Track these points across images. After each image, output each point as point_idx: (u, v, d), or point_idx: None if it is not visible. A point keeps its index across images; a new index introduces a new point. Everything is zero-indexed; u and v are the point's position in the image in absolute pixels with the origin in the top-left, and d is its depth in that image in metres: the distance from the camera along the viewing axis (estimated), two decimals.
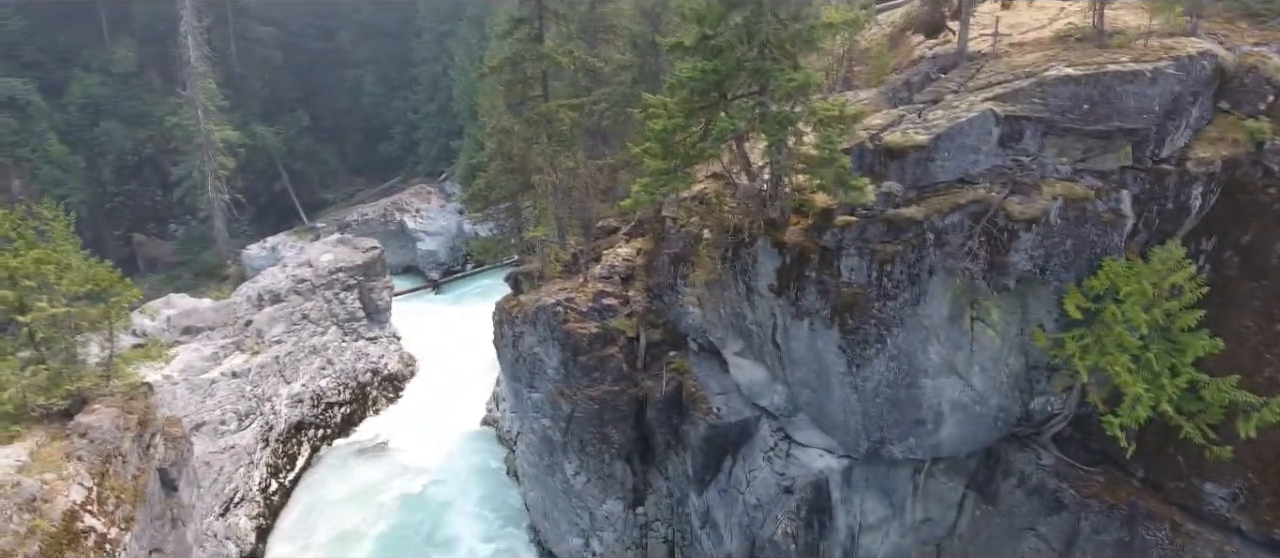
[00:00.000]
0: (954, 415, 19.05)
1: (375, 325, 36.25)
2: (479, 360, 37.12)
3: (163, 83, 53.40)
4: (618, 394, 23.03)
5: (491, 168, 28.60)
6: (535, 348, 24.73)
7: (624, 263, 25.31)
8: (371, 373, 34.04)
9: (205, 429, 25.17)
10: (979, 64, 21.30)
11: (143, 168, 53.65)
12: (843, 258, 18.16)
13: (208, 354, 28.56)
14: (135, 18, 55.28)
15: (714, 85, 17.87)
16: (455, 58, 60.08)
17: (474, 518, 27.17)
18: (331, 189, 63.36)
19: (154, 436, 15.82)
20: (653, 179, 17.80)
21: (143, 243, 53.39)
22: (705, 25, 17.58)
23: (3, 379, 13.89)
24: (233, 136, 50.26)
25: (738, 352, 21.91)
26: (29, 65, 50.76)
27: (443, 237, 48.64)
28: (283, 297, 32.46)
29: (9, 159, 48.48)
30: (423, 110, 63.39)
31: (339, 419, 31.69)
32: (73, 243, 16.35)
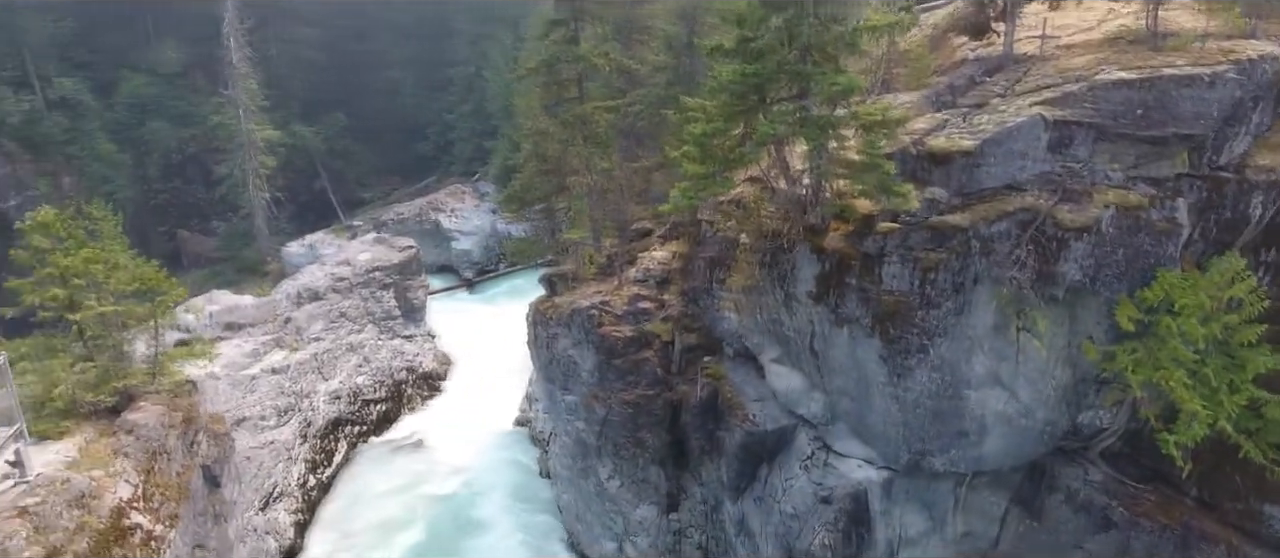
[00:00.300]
0: (998, 428, 18.53)
1: (411, 324, 36.52)
2: (512, 360, 37.13)
3: (207, 83, 54.38)
4: (652, 399, 22.83)
5: (527, 169, 28.59)
6: (570, 350, 24.63)
7: (659, 266, 25.10)
8: (407, 371, 34.29)
9: (246, 425, 25.50)
10: (1026, 67, 20.72)
11: (187, 166, 54.70)
12: (885, 265, 17.75)
13: (249, 350, 28.97)
14: (181, 19, 56.39)
15: (754, 89, 17.61)
16: (490, 59, 60.40)
17: (508, 519, 27.18)
18: (369, 188, 64.01)
19: (198, 433, 16.02)
20: (692, 184, 17.58)
21: (187, 239, 54.46)
22: (746, 28, 17.34)
23: (54, 376, 14.17)
24: (273, 136, 50.98)
25: (775, 358, 21.58)
26: (81, 66, 52.07)
27: (477, 236, 48.89)
28: (322, 295, 32.83)
29: (61, 156, 49.78)
30: (458, 111, 63.80)
31: (375, 416, 31.96)
32: (121, 242, 16.62)
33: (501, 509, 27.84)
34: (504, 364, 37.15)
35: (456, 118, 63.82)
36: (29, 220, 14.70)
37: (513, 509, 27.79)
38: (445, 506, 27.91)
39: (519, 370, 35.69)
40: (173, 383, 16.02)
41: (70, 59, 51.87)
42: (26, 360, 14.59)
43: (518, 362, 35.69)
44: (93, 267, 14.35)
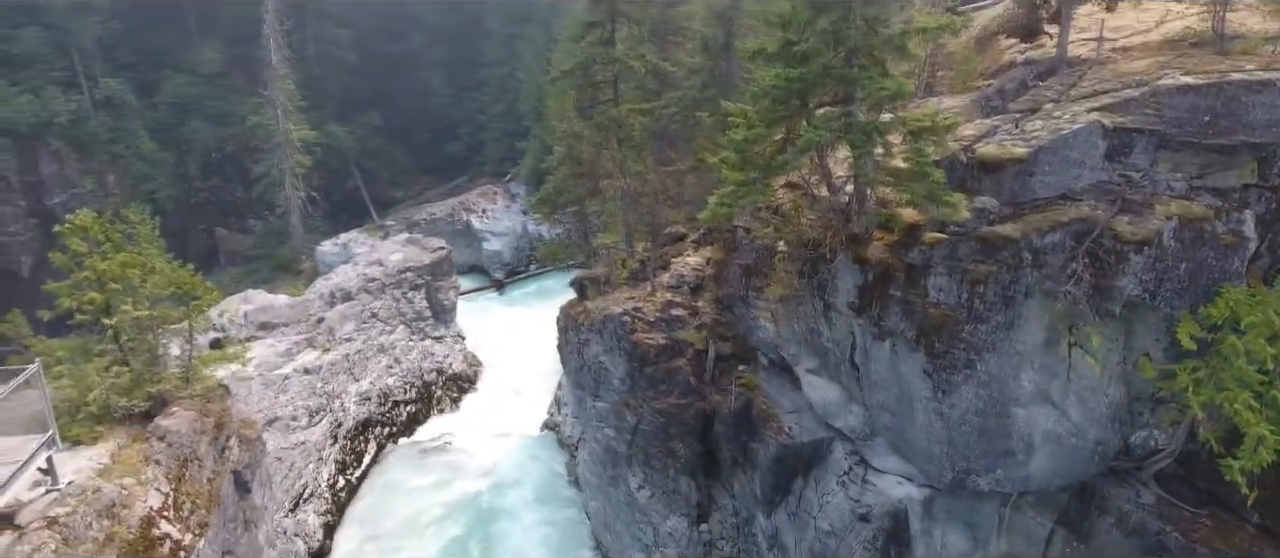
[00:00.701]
0: (1046, 447, 17.69)
1: (441, 325, 36.37)
2: (541, 362, 36.89)
3: (246, 83, 54.95)
4: (684, 408, 22.28)
5: (560, 172, 28.20)
6: (601, 357, 24.18)
7: (693, 272, 24.53)
8: (437, 372, 34.14)
9: (277, 425, 25.46)
10: (1081, 70, 19.80)
11: (225, 165, 55.37)
12: (930, 277, 17.01)
13: (282, 350, 28.97)
14: (222, 21, 57.11)
15: (796, 93, 16.97)
16: (523, 60, 60.27)
17: (535, 524, 26.83)
18: (401, 187, 64.32)
19: (229, 438, 15.85)
20: (730, 191, 16.98)
21: (224, 237, 55.12)
22: (789, 31, 16.71)
23: (89, 381, 14.06)
24: (309, 136, 51.36)
25: (811, 369, 20.91)
26: (125, 66, 52.88)
27: (508, 237, 48.73)
28: (353, 295, 32.79)
29: (106, 155, 50.59)
30: (490, 111, 63.82)
31: (404, 418, 31.82)
32: (158, 245, 16.53)
33: (529, 515, 27.49)
34: (533, 367, 36.89)
35: (488, 118, 63.84)
36: (67, 223, 14.64)
37: (540, 515, 27.44)
38: (473, 509, 27.64)
39: (547, 374, 35.41)
40: (205, 388, 15.87)
41: (115, 59, 52.71)
42: (62, 365, 14.53)
43: (546, 365, 35.42)
44: (129, 271, 14.21)
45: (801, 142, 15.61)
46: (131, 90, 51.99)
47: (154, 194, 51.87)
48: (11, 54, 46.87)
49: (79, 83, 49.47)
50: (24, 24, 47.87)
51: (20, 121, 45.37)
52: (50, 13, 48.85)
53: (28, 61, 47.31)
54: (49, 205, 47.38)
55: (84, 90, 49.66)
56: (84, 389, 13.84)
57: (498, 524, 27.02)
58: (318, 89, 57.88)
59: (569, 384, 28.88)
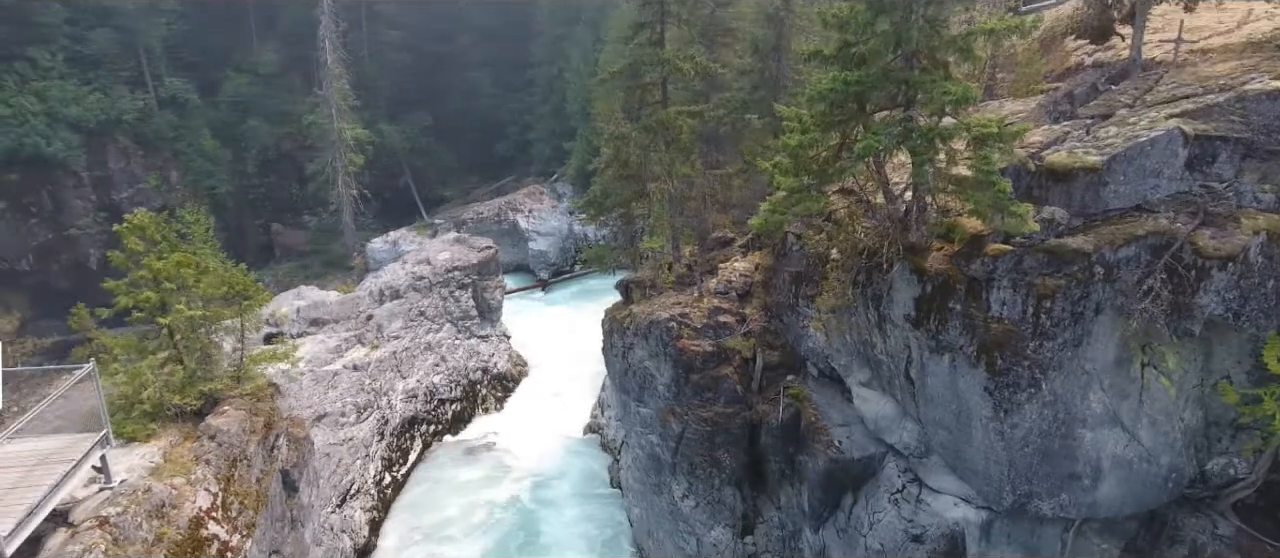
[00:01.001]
0: (1115, 472, 16.65)
1: (487, 324, 36.42)
2: (585, 363, 36.68)
3: (302, 83, 56.08)
4: (731, 417, 21.72)
5: (606, 175, 27.84)
6: (646, 362, 23.76)
7: (741, 278, 23.94)
8: (482, 371, 34.16)
9: (326, 421, 25.68)
10: (1157, 74, 18.68)
11: (281, 162, 56.56)
12: (993, 290, 16.14)
13: (332, 346, 29.27)
14: (281, 22, 58.37)
15: (854, 97, 16.28)
16: (570, 60, 60.25)
17: (577, 528, 26.56)
18: (449, 186, 64.96)
19: (278, 437, 15.89)
20: (783, 197, 16.37)
21: (280, 232, 56.33)
22: (847, 32, 16.02)
23: (143, 379, 14.20)
24: (362, 135, 52.19)
25: (863, 382, 20.15)
26: (189, 66, 54.39)
27: (553, 237, 48.70)
28: (402, 293, 33.00)
29: (169, 152, 52.14)
30: (537, 111, 64.01)
31: (449, 416, 31.89)
32: (212, 245, 16.67)
33: (571, 517, 27.25)
34: (576, 367, 36.71)
35: (535, 118, 64.05)
36: (126, 222, 14.83)
37: (582, 518, 27.16)
38: (515, 510, 27.50)
39: (591, 375, 35.16)
40: (255, 387, 15.95)
41: (180, 60, 54.25)
42: (117, 362, 14.73)
43: (590, 366, 35.19)
44: (183, 270, 14.33)
45: (859, 147, 14.91)
46: (194, 90, 53.49)
47: (213, 190, 53.38)
48: (84, 54, 48.59)
49: (145, 82, 51.07)
50: (96, 26, 49.59)
51: (91, 119, 47.00)
52: (121, 15, 50.51)
53: (98, 61, 49.02)
54: (116, 200, 49.03)
55: (150, 89, 51.25)
56: (138, 387, 13.99)
57: (540, 525, 26.83)
58: (370, 89, 58.79)
59: (613, 388, 28.55)
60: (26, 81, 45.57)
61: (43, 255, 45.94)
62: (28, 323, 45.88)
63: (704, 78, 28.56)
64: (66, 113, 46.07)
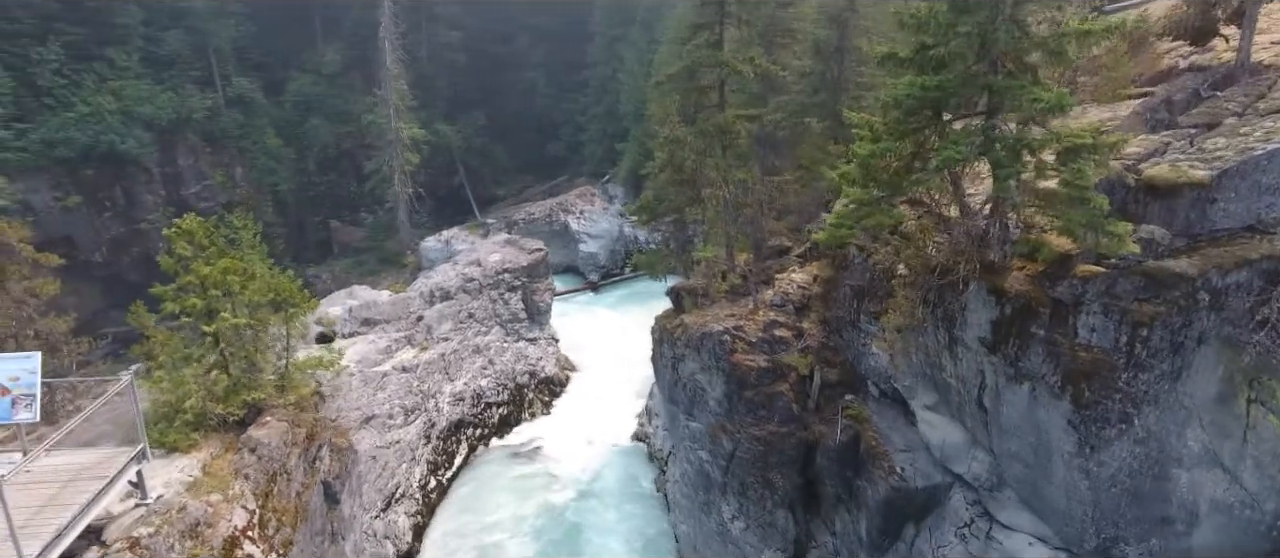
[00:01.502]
0: (1214, 517, 14.92)
1: (535, 326, 35.85)
2: (633, 369, 35.86)
3: (362, 83, 56.61)
4: (785, 437, 20.51)
5: (660, 179, 26.84)
6: (697, 375, 22.71)
7: (799, 291, 22.68)
8: (529, 375, 33.58)
9: (374, 423, 25.37)
10: (1269, 79, 16.79)
11: (341, 160, 57.23)
12: (1082, 316, 14.61)
13: (382, 347, 29.03)
14: (344, 23, 59.07)
15: (929, 103, 14.95)
16: (625, 61, 59.49)
17: (622, 541, 25.67)
18: (502, 185, 64.95)
19: (320, 448, 15.42)
20: (852, 210, 15.13)
21: (338, 229, 57.02)
22: (926, 34, 14.68)
23: (186, 388, 13.84)
24: (418, 134, 52.43)
25: (929, 406, 18.72)
26: (256, 67, 55.44)
27: (604, 240, 47.96)
28: (452, 295, 32.64)
29: (235, 149, 53.20)
30: (590, 112, 63.51)
31: (496, 420, 31.37)
32: (260, 251, 16.29)
33: (616, 529, 26.37)
34: (624, 373, 35.88)
35: (588, 119, 63.56)
36: (174, 227, 14.53)
37: (627, 531, 26.26)
38: (560, 518, 26.77)
39: (639, 381, 34.29)
40: (298, 396, 15.52)
41: (247, 60, 55.32)
42: (162, 369, 14.42)
43: (638, 371, 34.35)
44: (229, 277, 13.94)
45: (939, 159, 13.57)
46: (260, 89, 54.47)
47: (276, 187, 54.32)
48: (158, 55, 49.85)
49: (214, 82, 52.18)
50: (170, 27, 50.89)
51: (162, 117, 48.16)
52: (192, 16, 51.75)
53: (171, 62, 50.23)
54: (184, 195, 50.22)
55: (218, 89, 52.35)
56: (181, 396, 13.64)
57: (585, 536, 26.04)
58: (428, 89, 59.08)
59: (662, 399, 27.58)
60: (104, 81, 46.90)
61: (115, 248, 47.25)
62: (99, 314, 47.21)
63: (762, 80, 27.33)
64: (140, 111, 47.28)
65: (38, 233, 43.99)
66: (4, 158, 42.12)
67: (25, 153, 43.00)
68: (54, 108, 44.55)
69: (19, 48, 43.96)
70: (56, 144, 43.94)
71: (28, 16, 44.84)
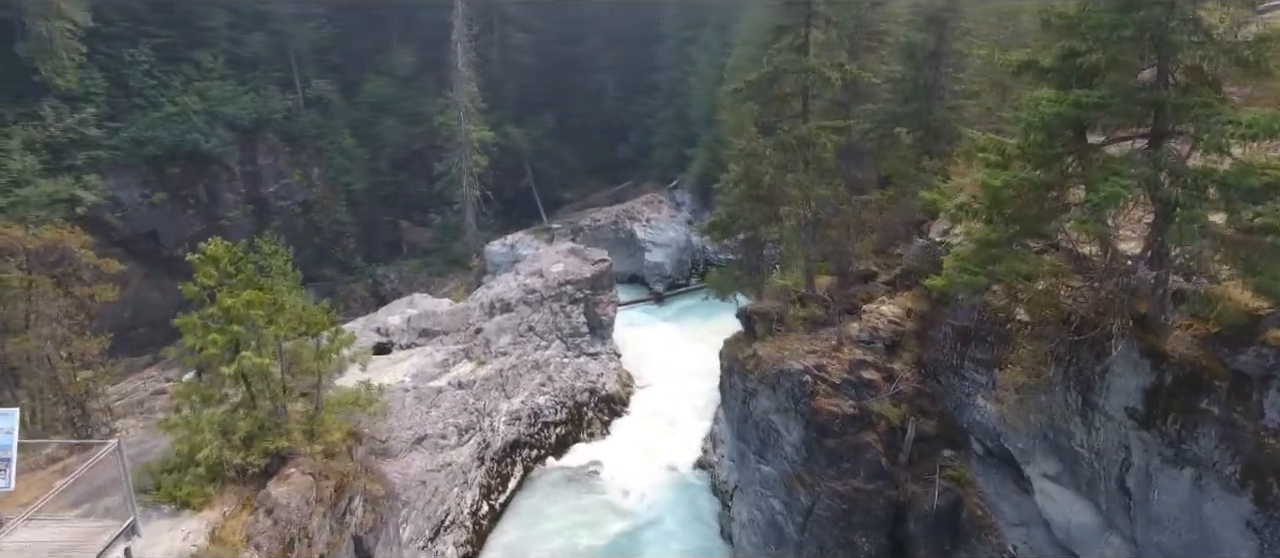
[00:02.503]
0: None
1: (597, 341, 33.75)
2: (697, 387, 33.37)
3: (435, 85, 55.76)
4: (872, 495, 17.68)
5: (734, 193, 24.18)
6: (771, 416, 20.05)
7: (889, 326, 19.71)
8: (589, 392, 31.46)
9: (426, 444, 23.70)
10: None
11: (412, 161, 56.58)
12: (1272, 393, 11.38)
13: (439, 360, 27.42)
14: (419, 26, 58.39)
15: (1072, 123, 11.93)
16: (696, 65, 56.83)
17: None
18: (569, 188, 63.28)
19: (351, 500, 13.63)
20: (977, 252, 12.24)
21: (407, 229, 56.44)
22: (1077, 37, 11.66)
23: (200, 438, 12.18)
24: (487, 137, 51.26)
25: (1049, 475, 15.57)
26: (333, 68, 55.29)
27: (670, 249, 45.47)
28: (512, 306, 30.83)
29: (312, 149, 53.14)
30: (659, 116, 61.08)
31: (553, 440, 29.38)
32: (292, 279, 14.56)
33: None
34: (688, 390, 33.42)
35: (657, 123, 61.16)
36: (199, 252, 12.93)
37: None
38: (617, 552, 24.54)
39: (703, 401, 31.80)
40: (328, 443, 13.75)
41: (326, 62, 55.22)
42: (178, 412, 12.84)
43: (703, 389, 31.93)
44: (253, 311, 12.24)
45: (1101, 195, 10.52)
46: (337, 91, 54.28)
47: (350, 186, 54.04)
48: (241, 57, 50.07)
49: (294, 83, 52.15)
50: (254, 30, 51.08)
51: (244, 117, 48.32)
52: (276, 20, 51.85)
53: (253, 63, 50.41)
54: (263, 193, 50.40)
55: (298, 90, 52.32)
56: (195, 445, 11.99)
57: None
58: (498, 91, 57.88)
59: (729, 433, 24.99)
60: (191, 82, 47.30)
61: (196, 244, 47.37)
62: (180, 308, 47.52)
63: (847, 88, 24.34)
64: (223, 111, 47.55)
65: (125, 227, 44.77)
66: (97, 155, 42.77)
67: (117, 150, 43.60)
68: (143, 107, 45.09)
69: (113, 50, 44.62)
70: (145, 142, 44.45)
71: (122, 20, 45.49)
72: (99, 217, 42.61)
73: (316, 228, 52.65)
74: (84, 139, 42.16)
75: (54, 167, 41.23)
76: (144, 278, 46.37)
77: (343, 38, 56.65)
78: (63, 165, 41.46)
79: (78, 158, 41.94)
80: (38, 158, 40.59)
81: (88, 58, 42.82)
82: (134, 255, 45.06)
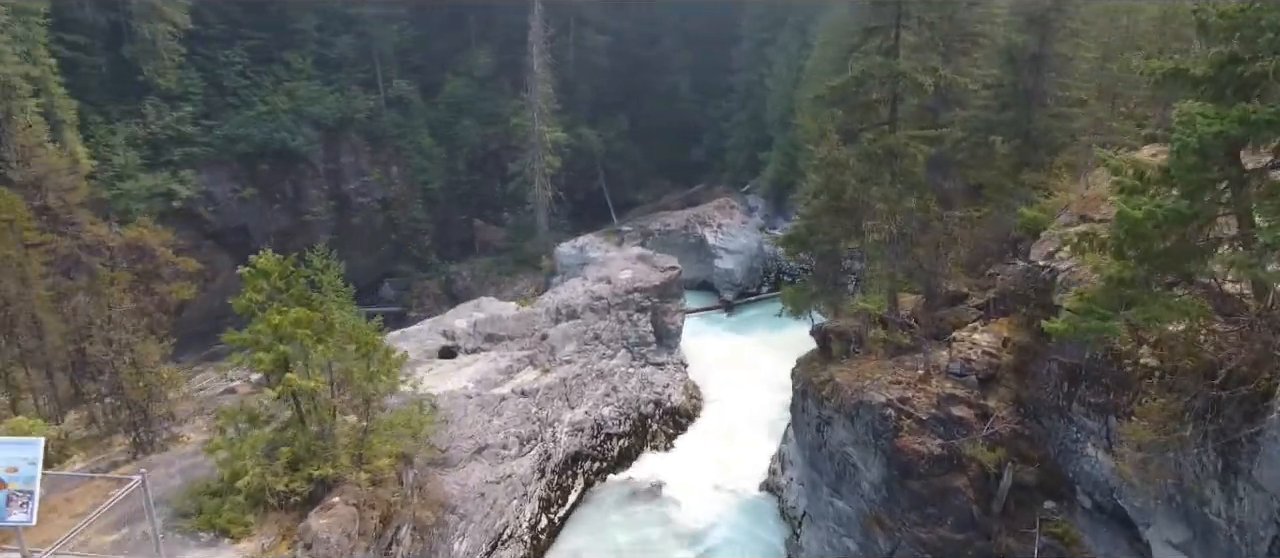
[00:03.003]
0: None
1: (663, 350, 32.54)
2: (766, 401, 31.82)
3: (511, 86, 55.76)
4: (960, 546, 15.82)
5: (814, 205, 22.47)
6: (848, 448, 18.38)
7: (983, 358, 17.70)
8: (654, 404, 30.30)
9: (486, 453, 23.05)
10: None
11: (487, 161, 56.75)
12: None
13: (503, 367, 26.80)
14: (498, 27, 58.55)
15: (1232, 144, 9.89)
16: (773, 66, 54.82)
17: None
18: (641, 190, 62.35)
19: (400, 529, 12.91)
20: (1106, 291, 10.36)
21: (480, 228, 56.67)
22: (1240, 41, 9.64)
23: (241, 464, 11.63)
24: (561, 138, 50.87)
25: (1175, 543, 13.39)
26: (414, 69, 55.93)
27: (742, 256, 43.75)
28: (579, 313, 29.97)
29: (392, 149, 53.90)
30: (733, 118, 59.37)
31: (615, 453, 28.35)
32: (345, 294, 13.92)
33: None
34: (756, 405, 31.88)
35: (732, 125, 59.50)
36: (250, 264, 12.42)
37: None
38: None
39: (772, 417, 30.23)
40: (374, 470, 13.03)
41: (408, 63, 55.89)
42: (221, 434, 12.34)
43: (772, 403, 30.37)
44: (300, 331, 11.61)
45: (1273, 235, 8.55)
46: (417, 91, 54.84)
47: (427, 185, 54.59)
48: (328, 58, 51.18)
49: (376, 83, 52.98)
50: (341, 32, 52.16)
51: (329, 117, 49.35)
52: (361, 22, 52.79)
53: (339, 64, 51.45)
54: (345, 191, 51.43)
55: (380, 90, 53.12)
56: (237, 471, 11.44)
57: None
58: (572, 92, 57.44)
59: (800, 458, 23.34)
60: (280, 82, 48.59)
61: (282, 238, 48.73)
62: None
63: (940, 94, 22.27)
64: (310, 111, 48.65)
65: (216, 220, 46.40)
66: (192, 151, 44.35)
67: (210, 147, 45.13)
68: (236, 106, 46.56)
69: (210, 51, 46.23)
70: (237, 139, 45.87)
71: (219, 22, 47.11)
72: (193, 210, 44.18)
73: (394, 225, 53.44)
74: (181, 136, 43.75)
75: (153, 162, 42.93)
76: (232, 270, 48.01)
77: (424, 39, 57.30)
78: (161, 161, 43.12)
79: (175, 154, 43.57)
80: (139, 154, 42.32)
81: (186, 58, 44.46)
82: (224, 248, 46.71)
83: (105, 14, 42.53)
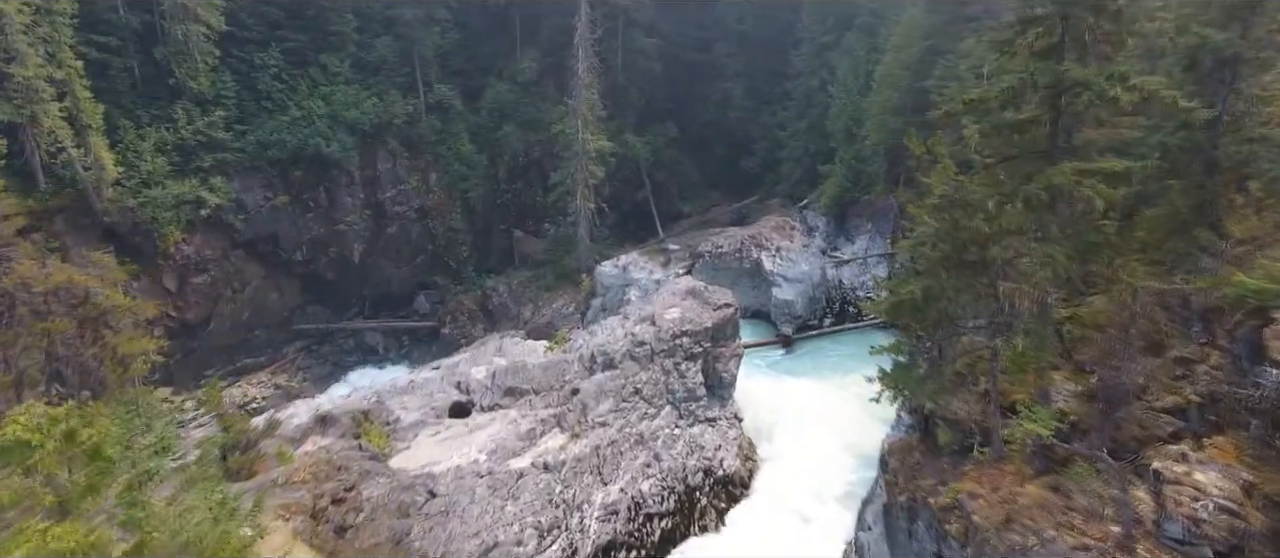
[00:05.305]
0: None
1: (715, 402, 26.23)
2: (836, 463, 25.51)
3: (555, 92, 50.12)
4: None
5: (929, 257, 15.79)
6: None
7: (1221, 517, 10.95)
8: (703, 473, 23.99)
9: (496, 554, 17.23)
10: None
11: (529, 169, 51.23)
12: None
13: (524, 430, 20.98)
14: (542, 30, 52.89)
15: None
16: (836, 72, 47.74)
17: None
18: (689, 201, 56.01)
19: None
20: None
21: (520, 239, 51.24)
22: None
23: None
24: (605, 147, 45.00)
25: None
26: (456, 73, 50.84)
27: (802, 285, 36.95)
28: (616, 362, 23.90)
29: (431, 155, 48.82)
30: (791, 127, 52.36)
31: (656, 537, 22.16)
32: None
33: None
34: (824, 468, 25.53)
35: (788, 135, 52.47)
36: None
37: None
38: None
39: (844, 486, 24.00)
40: None
41: (449, 67, 50.77)
42: None
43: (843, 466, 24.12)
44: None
45: None
46: (458, 96, 49.64)
47: (466, 193, 49.32)
48: (366, 61, 46.33)
49: (416, 87, 47.92)
50: (380, 35, 47.23)
51: (365, 122, 44.54)
52: (402, 24, 47.73)
53: (378, 68, 46.54)
54: (381, 199, 46.48)
55: (420, 95, 48.05)
56: None
57: None
58: (619, 98, 51.43)
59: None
60: (316, 86, 43.91)
61: (314, 247, 44.31)
62: (297, 310, 44.77)
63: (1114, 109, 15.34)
64: (346, 116, 43.90)
65: (247, 229, 41.88)
66: (223, 157, 40.00)
67: (242, 153, 40.73)
68: (270, 111, 42.02)
69: (245, 53, 41.75)
70: (270, 145, 41.38)
71: (257, 24, 42.58)
72: (222, 219, 39.90)
73: (431, 234, 48.38)
74: (212, 141, 39.43)
75: (183, 168, 38.71)
76: (262, 279, 43.64)
77: (466, 42, 51.99)
78: (191, 167, 38.87)
79: (205, 160, 39.25)
80: (168, 160, 38.13)
81: (220, 61, 40.08)
82: (254, 257, 42.33)
83: (138, 15, 38.37)
